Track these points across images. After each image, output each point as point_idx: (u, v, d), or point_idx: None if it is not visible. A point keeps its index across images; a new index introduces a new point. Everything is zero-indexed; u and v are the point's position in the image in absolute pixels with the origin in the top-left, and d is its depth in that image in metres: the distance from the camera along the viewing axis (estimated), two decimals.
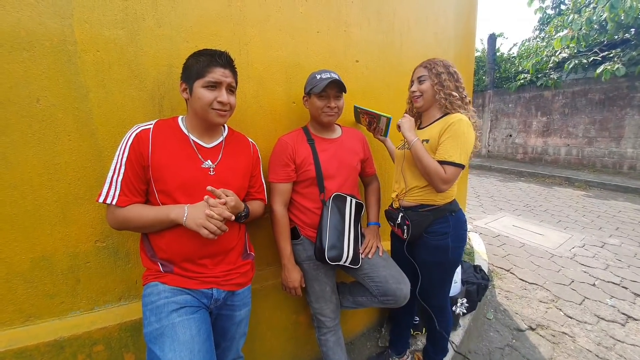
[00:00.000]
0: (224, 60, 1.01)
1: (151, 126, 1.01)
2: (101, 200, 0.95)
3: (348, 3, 1.64)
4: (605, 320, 2.24)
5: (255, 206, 1.23)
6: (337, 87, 1.30)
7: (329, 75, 1.29)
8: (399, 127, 1.39)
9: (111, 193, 0.95)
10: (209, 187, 0.97)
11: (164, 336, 0.91)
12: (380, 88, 1.85)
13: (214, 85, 0.99)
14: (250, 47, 1.37)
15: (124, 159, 0.95)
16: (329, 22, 1.59)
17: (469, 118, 1.30)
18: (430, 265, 1.43)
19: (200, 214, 0.94)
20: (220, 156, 1.09)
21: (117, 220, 0.98)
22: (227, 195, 1.00)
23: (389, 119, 1.51)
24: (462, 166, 1.24)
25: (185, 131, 1.05)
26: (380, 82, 1.85)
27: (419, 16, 2.00)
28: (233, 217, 0.99)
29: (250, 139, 1.25)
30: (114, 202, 0.95)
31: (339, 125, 1.52)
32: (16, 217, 1.05)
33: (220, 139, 1.13)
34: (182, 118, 1.08)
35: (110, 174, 0.96)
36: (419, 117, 1.51)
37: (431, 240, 1.39)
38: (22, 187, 1.04)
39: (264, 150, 1.44)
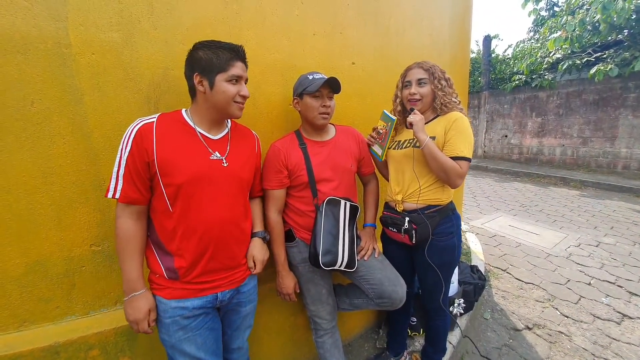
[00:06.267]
0: (243, 54, 1.04)
1: (155, 119, 0.98)
2: (110, 195, 0.93)
3: (344, 5, 1.64)
4: (601, 319, 2.26)
5: (259, 209, 1.30)
6: (330, 87, 1.30)
7: (321, 76, 1.29)
8: (410, 124, 1.32)
9: (112, 187, 0.93)
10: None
11: (174, 349, 1.03)
12: (376, 90, 1.86)
13: (237, 80, 1.00)
14: (246, 49, 1.35)
15: (126, 154, 0.93)
16: (325, 25, 1.60)
17: (465, 116, 1.36)
18: (438, 267, 1.41)
19: (138, 313, 0.96)
20: (228, 147, 1.08)
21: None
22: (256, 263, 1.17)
23: (381, 156, 1.48)
24: (470, 160, 1.30)
25: (192, 123, 1.03)
26: (377, 84, 1.86)
27: (415, 18, 2.01)
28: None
29: (254, 132, 1.24)
30: (116, 197, 0.93)
31: (332, 124, 1.50)
32: (10, 222, 1.04)
33: (226, 130, 1.12)
34: (185, 111, 1.06)
35: (115, 169, 0.94)
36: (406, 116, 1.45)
37: (439, 242, 1.37)
38: (17, 190, 1.04)
39: (261, 152, 1.44)
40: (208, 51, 0.98)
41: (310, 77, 1.30)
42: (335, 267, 1.31)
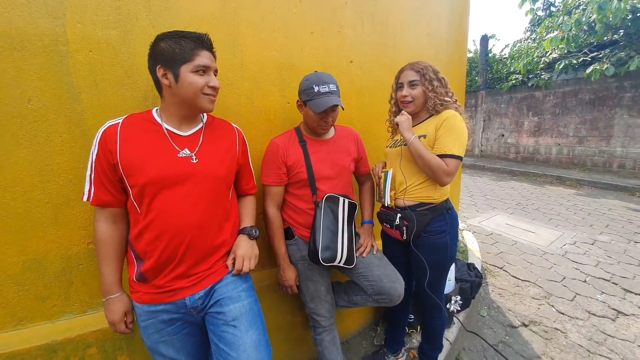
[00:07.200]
0: (210, 43, 0.97)
1: (120, 121, 0.95)
2: (85, 198, 0.94)
3: (342, 4, 1.65)
4: (596, 316, 2.28)
5: (250, 205, 1.22)
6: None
7: (327, 89, 1.25)
8: (397, 124, 1.37)
9: (86, 190, 0.94)
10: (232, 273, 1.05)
11: (152, 350, 1.03)
12: (374, 88, 1.86)
13: (204, 70, 0.94)
14: (244, 47, 1.37)
15: (94, 157, 0.93)
16: (323, 23, 1.60)
17: (460, 114, 1.36)
18: (430, 265, 1.42)
19: (114, 315, 0.98)
20: (200, 143, 1.02)
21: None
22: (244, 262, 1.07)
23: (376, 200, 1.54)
24: (461, 158, 1.29)
25: (159, 120, 0.98)
26: (374, 82, 1.86)
27: (412, 18, 2.02)
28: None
29: (234, 125, 1.17)
30: (90, 200, 0.93)
31: None
32: (7, 219, 1.04)
33: (200, 125, 1.05)
34: (156, 109, 1.01)
35: (88, 172, 0.94)
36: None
37: (430, 239, 1.38)
38: (13, 188, 1.03)
39: (259, 151, 1.44)
40: (170, 41, 0.91)
41: (316, 90, 1.25)
42: (334, 263, 1.31)
